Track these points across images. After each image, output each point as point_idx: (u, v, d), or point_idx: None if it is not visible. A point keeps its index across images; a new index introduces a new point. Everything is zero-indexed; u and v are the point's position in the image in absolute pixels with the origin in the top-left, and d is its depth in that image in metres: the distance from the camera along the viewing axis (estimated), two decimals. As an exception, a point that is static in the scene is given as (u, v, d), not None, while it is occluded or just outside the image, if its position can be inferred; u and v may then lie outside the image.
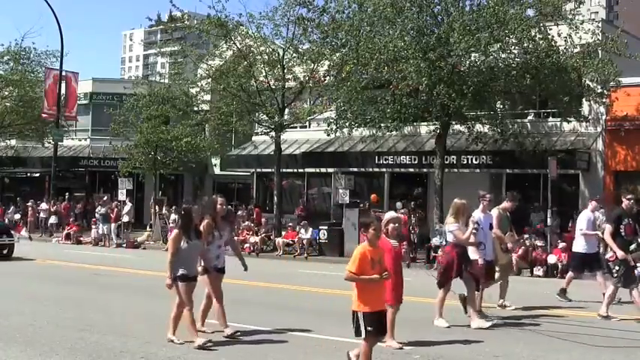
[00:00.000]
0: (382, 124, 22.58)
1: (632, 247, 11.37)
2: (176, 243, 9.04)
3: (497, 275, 11.78)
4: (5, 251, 21.25)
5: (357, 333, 7.18)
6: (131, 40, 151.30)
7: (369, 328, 7.06)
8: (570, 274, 13.58)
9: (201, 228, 9.30)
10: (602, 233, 12.15)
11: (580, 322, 10.78)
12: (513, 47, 20.57)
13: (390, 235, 8.69)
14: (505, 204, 12.21)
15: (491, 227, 11.15)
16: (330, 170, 28.81)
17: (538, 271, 18.79)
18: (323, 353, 8.78)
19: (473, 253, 10.66)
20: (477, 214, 10.89)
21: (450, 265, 10.29)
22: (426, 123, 24.80)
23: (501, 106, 23.37)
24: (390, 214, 9.07)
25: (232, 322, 10.57)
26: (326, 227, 24.23)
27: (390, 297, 8.39)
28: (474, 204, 10.86)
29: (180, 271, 9.00)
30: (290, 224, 25.69)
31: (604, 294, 11.57)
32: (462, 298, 10.57)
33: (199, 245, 9.21)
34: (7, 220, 29.68)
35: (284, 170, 27.81)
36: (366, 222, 7.46)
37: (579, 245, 13.07)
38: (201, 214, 9.51)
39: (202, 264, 9.39)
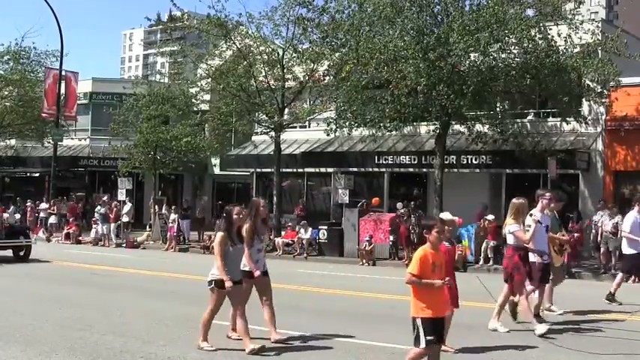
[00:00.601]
0: (382, 124, 22.57)
1: None
2: (222, 245, 8.69)
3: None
4: (22, 253, 20.74)
5: (416, 342, 6.71)
6: (131, 40, 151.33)
7: (429, 338, 6.62)
8: (622, 275, 13.21)
9: (243, 231, 8.96)
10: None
11: (588, 325, 10.73)
12: (513, 47, 20.56)
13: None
14: (552, 205, 11.65)
15: (547, 229, 10.77)
16: (330, 170, 28.80)
17: (538, 271, 18.74)
18: (322, 353, 8.78)
19: (531, 256, 10.39)
20: (537, 214, 10.49)
21: (517, 269, 10.01)
22: (425, 123, 24.78)
23: (501, 106, 23.37)
24: (443, 216, 8.69)
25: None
26: (326, 227, 24.25)
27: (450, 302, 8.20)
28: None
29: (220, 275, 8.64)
30: (290, 224, 25.70)
31: None
32: (513, 304, 10.37)
33: (242, 249, 8.89)
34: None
35: (284, 170, 27.80)
36: (429, 224, 7.00)
37: (629, 247, 12.90)
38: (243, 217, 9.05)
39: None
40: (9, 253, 20.74)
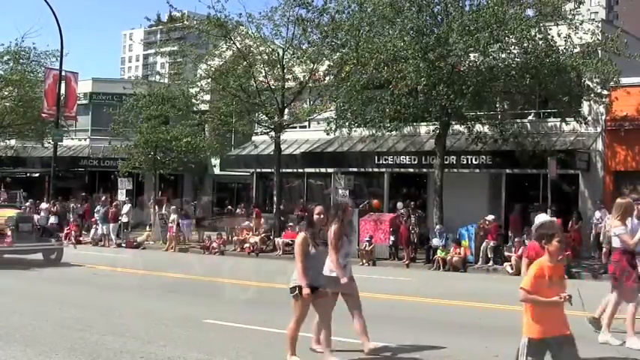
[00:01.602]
0: (382, 124, 22.57)
1: None
2: (304, 247, 8.07)
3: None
4: (53, 256, 19.68)
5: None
6: (131, 40, 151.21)
7: (529, 359, 5.98)
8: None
9: (330, 233, 8.34)
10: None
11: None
12: (513, 47, 20.56)
13: None
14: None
15: None
16: (330, 170, 28.81)
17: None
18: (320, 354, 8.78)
19: None
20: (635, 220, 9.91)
21: (627, 274, 9.38)
22: (425, 123, 24.80)
23: (501, 107, 23.36)
24: (541, 218, 7.85)
25: (231, 323, 10.59)
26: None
27: None
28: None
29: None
30: (290, 224, 25.69)
31: None
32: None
33: (326, 253, 8.25)
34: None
35: (284, 170, 27.81)
36: (549, 233, 6.15)
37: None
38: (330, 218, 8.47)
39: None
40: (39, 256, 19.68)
